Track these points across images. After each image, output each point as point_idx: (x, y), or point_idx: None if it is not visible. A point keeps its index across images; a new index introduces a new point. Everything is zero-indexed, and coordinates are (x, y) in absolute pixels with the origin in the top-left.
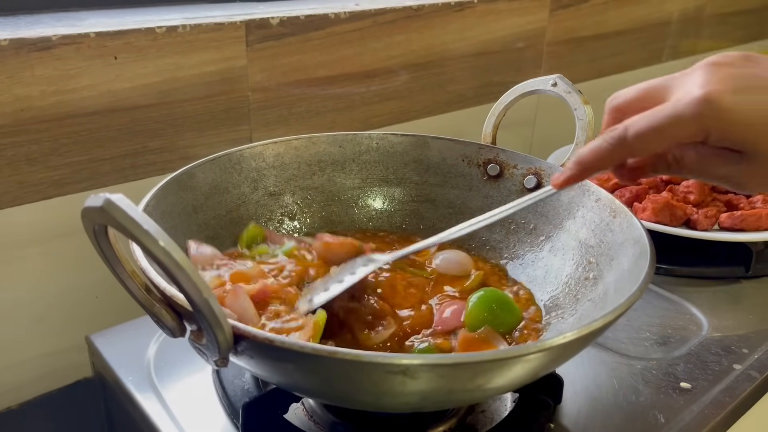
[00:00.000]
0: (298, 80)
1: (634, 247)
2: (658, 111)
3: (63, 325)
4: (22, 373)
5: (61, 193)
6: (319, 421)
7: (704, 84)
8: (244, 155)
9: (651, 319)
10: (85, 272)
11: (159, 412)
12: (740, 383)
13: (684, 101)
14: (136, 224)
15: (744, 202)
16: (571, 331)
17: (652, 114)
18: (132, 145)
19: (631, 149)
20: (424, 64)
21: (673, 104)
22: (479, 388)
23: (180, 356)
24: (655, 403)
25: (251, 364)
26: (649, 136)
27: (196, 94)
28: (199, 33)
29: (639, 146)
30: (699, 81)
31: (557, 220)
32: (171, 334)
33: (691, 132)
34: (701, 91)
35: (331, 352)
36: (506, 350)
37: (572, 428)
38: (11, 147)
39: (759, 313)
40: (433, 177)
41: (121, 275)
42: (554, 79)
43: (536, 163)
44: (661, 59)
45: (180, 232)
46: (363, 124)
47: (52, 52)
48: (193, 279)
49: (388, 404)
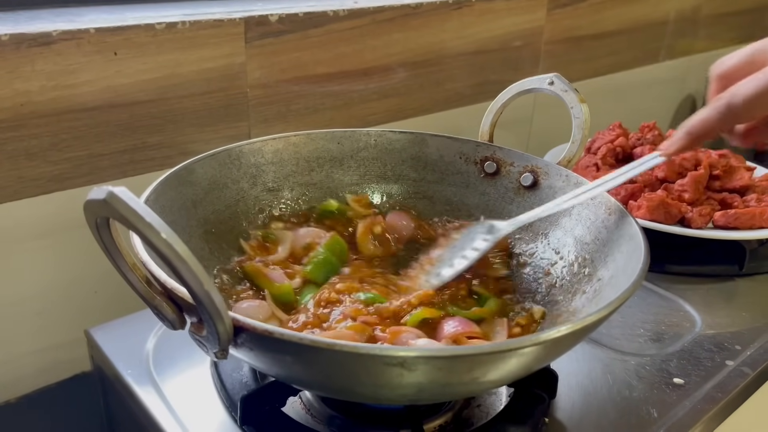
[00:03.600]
0: (297, 77)
1: (629, 244)
2: (763, 75)
3: (62, 320)
4: (20, 367)
5: (61, 188)
6: (317, 415)
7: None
8: (243, 151)
9: (645, 315)
10: (85, 267)
11: (158, 405)
12: (732, 379)
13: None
14: (139, 216)
15: (738, 201)
16: (565, 326)
17: (757, 79)
18: (131, 140)
19: (738, 115)
20: (422, 62)
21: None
22: (475, 381)
23: (179, 350)
24: (648, 399)
25: (251, 356)
26: (756, 101)
27: (195, 91)
28: (198, 29)
29: (746, 112)
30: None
31: (553, 216)
32: (171, 327)
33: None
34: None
35: (330, 344)
36: (502, 343)
37: (567, 422)
38: (11, 141)
39: (752, 311)
40: (431, 174)
41: (122, 268)
42: (551, 77)
43: (533, 161)
44: (658, 59)
45: (179, 226)
46: (361, 121)
47: (52, 48)
48: (194, 270)
49: (386, 396)
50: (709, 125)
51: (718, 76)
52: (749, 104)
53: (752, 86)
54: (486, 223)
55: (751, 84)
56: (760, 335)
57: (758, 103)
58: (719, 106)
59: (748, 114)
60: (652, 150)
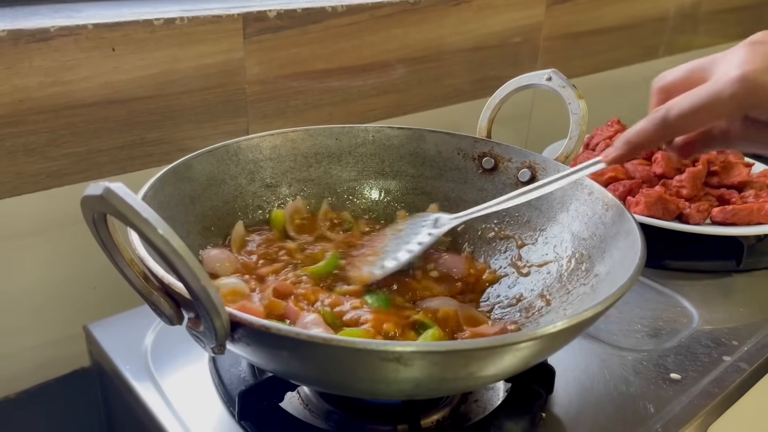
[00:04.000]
0: (295, 73)
1: (626, 239)
2: (698, 91)
3: (60, 315)
4: (19, 363)
5: (59, 184)
6: (314, 410)
7: (742, 63)
8: (241, 147)
9: (643, 311)
10: (83, 262)
11: (156, 400)
12: (729, 375)
13: (722, 81)
14: (135, 212)
15: (736, 197)
16: (561, 321)
17: (692, 94)
18: (129, 136)
19: (673, 128)
20: (421, 58)
21: (712, 84)
22: (471, 376)
23: (177, 345)
24: (645, 394)
25: (248, 351)
26: (690, 115)
27: (193, 87)
28: (196, 25)
29: (681, 125)
30: (737, 60)
31: (551, 212)
32: (169, 322)
33: (730, 109)
34: (738, 71)
35: (326, 339)
36: (498, 338)
37: (564, 417)
38: (9, 138)
39: (749, 306)
40: (429, 170)
41: (119, 263)
42: (549, 73)
43: (530, 157)
44: (657, 55)
45: (177, 222)
46: (360, 117)
47: (51, 44)
48: (191, 266)
49: (383, 391)
50: (646, 136)
51: (659, 89)
52: (684, 119)
53: (688, 102)
54: (432, 215)
55: (687, 100)
56: (757, 331)
57: (692, 118)
58: (656, 119)
59: (682, 128)
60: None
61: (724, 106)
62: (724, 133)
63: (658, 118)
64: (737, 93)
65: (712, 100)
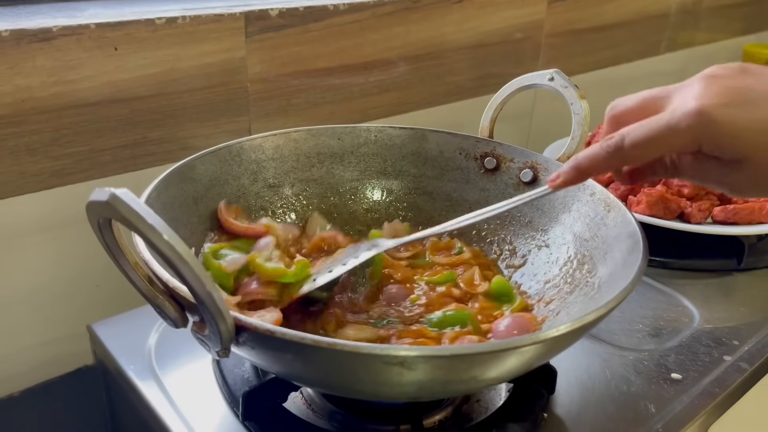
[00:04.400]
0: (297, 71)
1: (628, 241)
2: (654, 121)
3: (64, 314)
4: (23, 361)
5: (62, 183)
6: (318, 410)
7: (699, 96)
8: (243, 147)
9: (644, 311)
10: (87, 261)
11: (160, 400)
12: (730, 374)
13: (678, 112)
14: (141, 218)
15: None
16: (564, 324)
17: (648, 124)
18: (132, 135)
19: (626, 157)
20: (423, 56)
21: (668, 115)
22: (474, 379)
23: (181, 345)
24: (646, 394)
25: (252, 354)
26: (644, 145)
27: (195, 85)
28: (198, 24)
29: (634, 154)
30: (694, 93)
31: (553, 213)
32: (173, 325)
33: (685, 142)
34: (695, 104)
35: (331, 344)
36: (501, 342)
37: (565, 417)
38: (12, 137)
39: (750, 306)
40: (431, 170)
41: (124, 267)
42: (551, 73)
43: (532, 157)
44: (659, 51)
45: (181, 223)
46: (362, 115)
47: (53, 43)
48: (196, 272)
49: (386, 394)
50: (596, 163)
51: (611, 116)
52: (638, 148)
53: (643, 131)
54: (371, 241)
55: (642, 129)
56: (758, 330)
57: (647, 147)
58: (608, 146)
59: (635, 157)
60: None
61: (679, 138)
62: (674, 164)
63: (611, 146)
64: (693, 126)
65: (668, 132)
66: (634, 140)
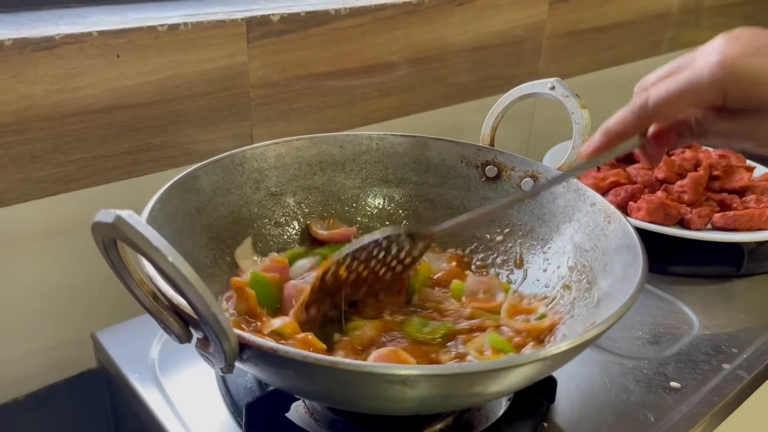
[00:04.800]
0: (299, 76)
1: (628, 253)
2: (678, 77)
3: (68, 319)
4: (27, 365)
5: (66, 190)
6: (320, 419)
7: (721, 49)
8: (246, 156)
9: (643, 318)
10: (90, 267)
11: (164, 409)
12: (728, 383)
13: (701, 66)
14: (146, 240)
15: (737, 202)
16: (565, 342)
17: (672, 80)
18: (134, 141)
19: (653, 114)
20: (424, 59)
21: (691, 69)
22: (476, 395)
23: (184, 354)
24: (645, 403)
25: (256, 370)
26: (669, 100)
27: (197, 91)
28: (200, 30)
29: (660, 111)
30: (716, 47)
31: (553, 222)
32: (178, 341)
33: (710, 95)
34: (718, 56)
35: (333, 363)
36: (501, 361)
37: (565, 427)
38: (15, 145)
39: (749, 312)
40: (432, 177)
41: (129, 283)
42: (552, 82)
43: (533, 166)
44: (661, 51)
45: (184, 234)
46: (363, 119)
47: (56, 51)
48: (200, 293)
49: (388, 408)
50: (624, 123)
51: (640, 89)
52: (663, 104)
53: (665, 88)
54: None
55: (664, 86)
56: (757, 338)
57: (672, 103)
58: (635, 105)
59: (661, 114)
60: None
61: (703, 90)
62: (699, 123)
63: (636, 105)
64: (716, 76)
65: (691, 85)
66: (658, 97)
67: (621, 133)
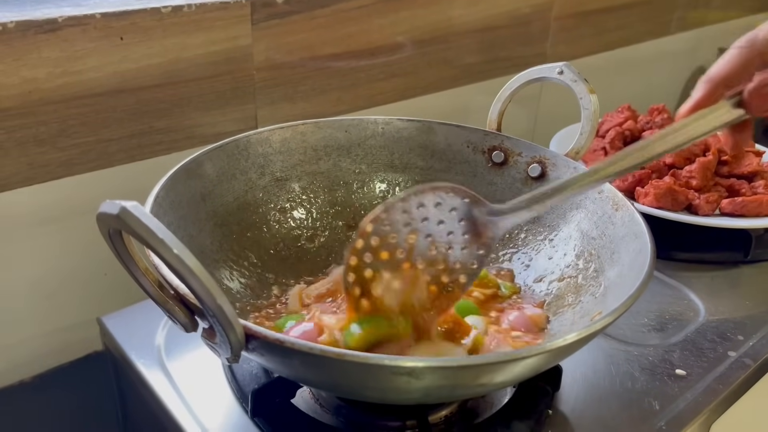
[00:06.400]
0: (303, 58)
1: (635, 242)
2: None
3: (73, 301)
4: (34, 347)
5: (70, 173)
6: (325, 404)
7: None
8: (251, 141)
9: (649, 304)
10: (95, 250)
11: (170, 394)
12: (734, 371)
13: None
14: (151, 232)
15: (746, 188)
16: (572, 334)
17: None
18: (138, 125)
19: (764, 49)
20: (430, 40)
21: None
22: (482, 385)
23: (190, 339)
24: (650, 390)
25: (262, 360)
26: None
27: (201, 74)
28: (204, 12)
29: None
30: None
31: (561, 209)
32: (184, 329)
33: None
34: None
35: (339, 354)
36: (508, 353)
37: (570, 414)
38: (20, 129)
39: (755, 299)
40: (438, 163)
41: (134, 273)
42: (560, 67)
43: (541, 152)
44: (669, 31)
45: (189, 221)
46: (368, 101)
47: (59, 34)
48: (206, 285)
49: (393, 399)
50: (730, 65)
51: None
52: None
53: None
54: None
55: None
56: (763, 325)
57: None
58: (741, 45)
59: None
60: None
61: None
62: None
63: (743, 43)
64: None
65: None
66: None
67: (726, 79)
